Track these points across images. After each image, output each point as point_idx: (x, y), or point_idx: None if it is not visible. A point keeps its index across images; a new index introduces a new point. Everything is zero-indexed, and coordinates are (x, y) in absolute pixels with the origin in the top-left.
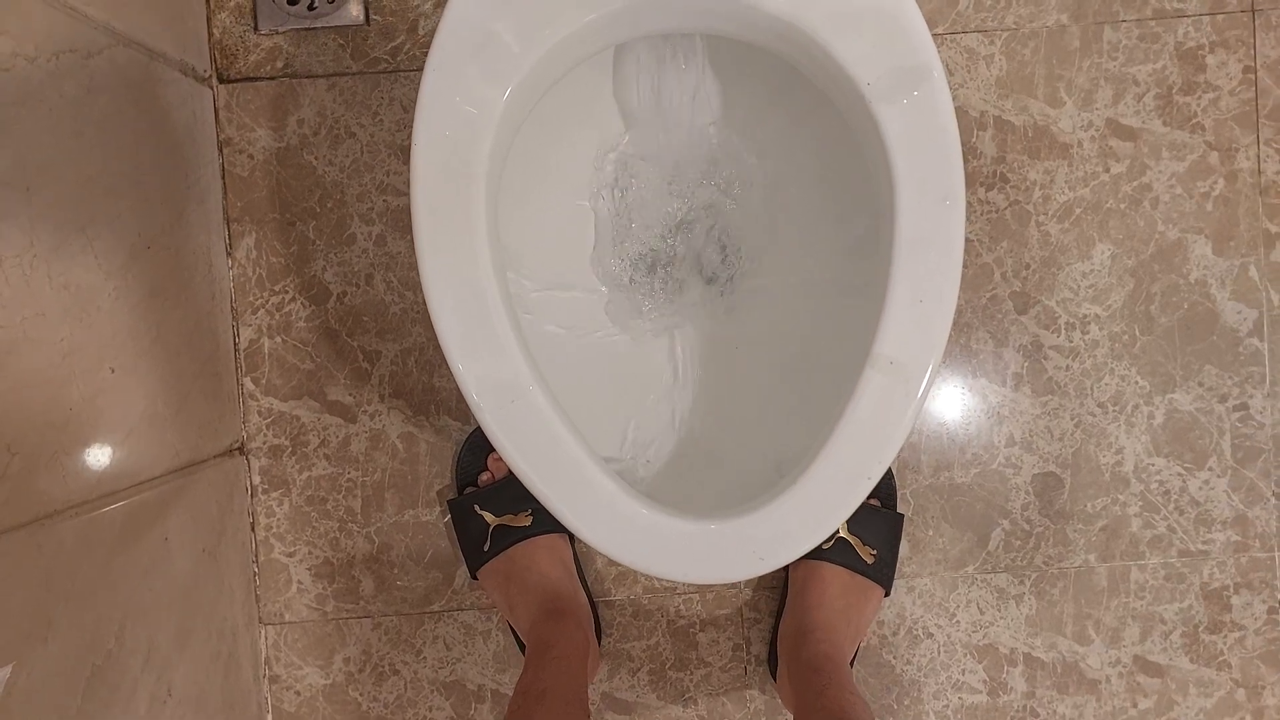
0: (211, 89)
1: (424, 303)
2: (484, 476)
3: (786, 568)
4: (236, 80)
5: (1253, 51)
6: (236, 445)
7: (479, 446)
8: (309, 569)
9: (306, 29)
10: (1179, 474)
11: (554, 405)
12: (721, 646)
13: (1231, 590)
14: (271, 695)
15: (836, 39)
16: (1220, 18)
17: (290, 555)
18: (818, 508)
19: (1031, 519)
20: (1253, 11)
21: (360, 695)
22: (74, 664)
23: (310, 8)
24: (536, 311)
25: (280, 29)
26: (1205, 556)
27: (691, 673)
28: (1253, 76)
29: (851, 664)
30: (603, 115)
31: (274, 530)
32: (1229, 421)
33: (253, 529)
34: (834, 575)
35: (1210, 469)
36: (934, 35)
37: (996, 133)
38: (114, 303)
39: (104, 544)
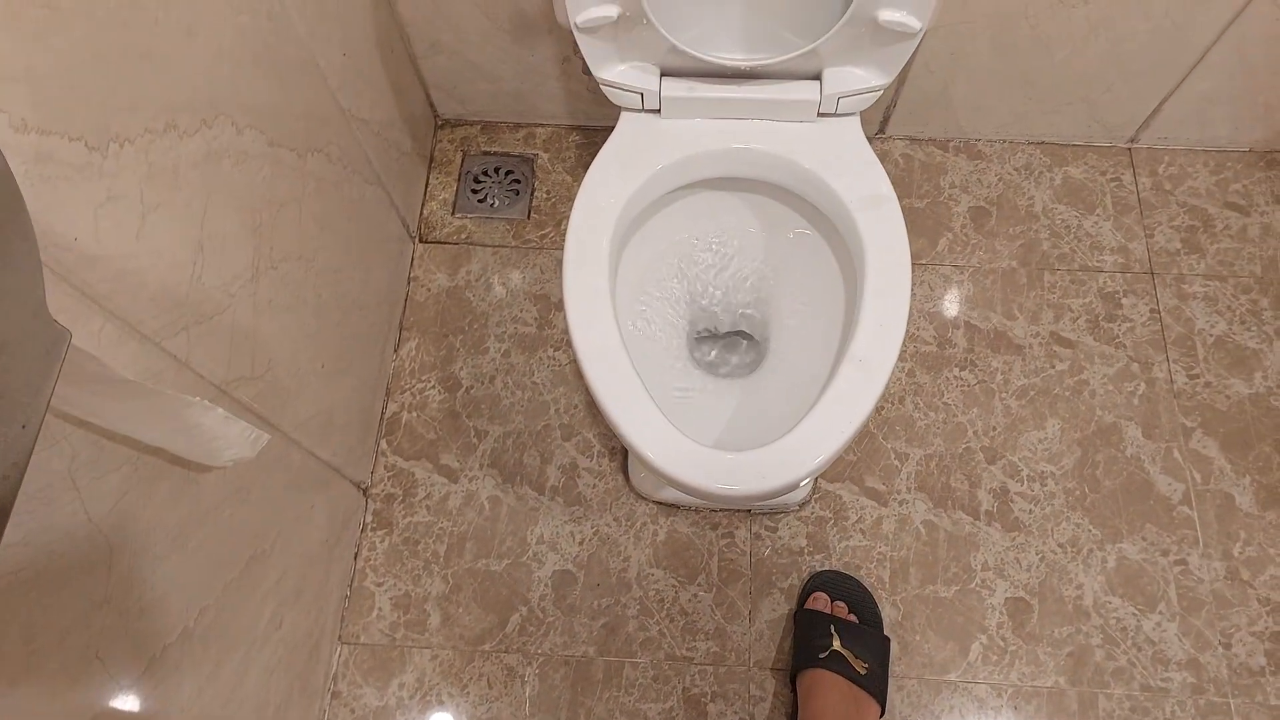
0: (414, 244)
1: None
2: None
3: (795, 683)
4: (431, 242)
5: (1155, 300)
6: (364, 485)
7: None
8: (390, 599)
9: (486, 217)
10: (1134, 613)
11: (634, 369)
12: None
13: None
14: (329, 711)
15: (836, 179)
16: (1129, 274)
17: (379, 585)
18: (804, 448)
19: (1006, 637)
20: (1152, 274)
21: None
22: (244, 545)
23: (492, 205)
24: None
25: (469, 215)
26: (1165, 694)
27: None
28: (1158, 315)
29: None
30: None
31: (371, 563)
32: (1172, 573)
33: (355, 558)
34: (834, 682)
35: (1161, 613)
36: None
37: (967, 331)
38: (336, 329)
39: (286, 472)
